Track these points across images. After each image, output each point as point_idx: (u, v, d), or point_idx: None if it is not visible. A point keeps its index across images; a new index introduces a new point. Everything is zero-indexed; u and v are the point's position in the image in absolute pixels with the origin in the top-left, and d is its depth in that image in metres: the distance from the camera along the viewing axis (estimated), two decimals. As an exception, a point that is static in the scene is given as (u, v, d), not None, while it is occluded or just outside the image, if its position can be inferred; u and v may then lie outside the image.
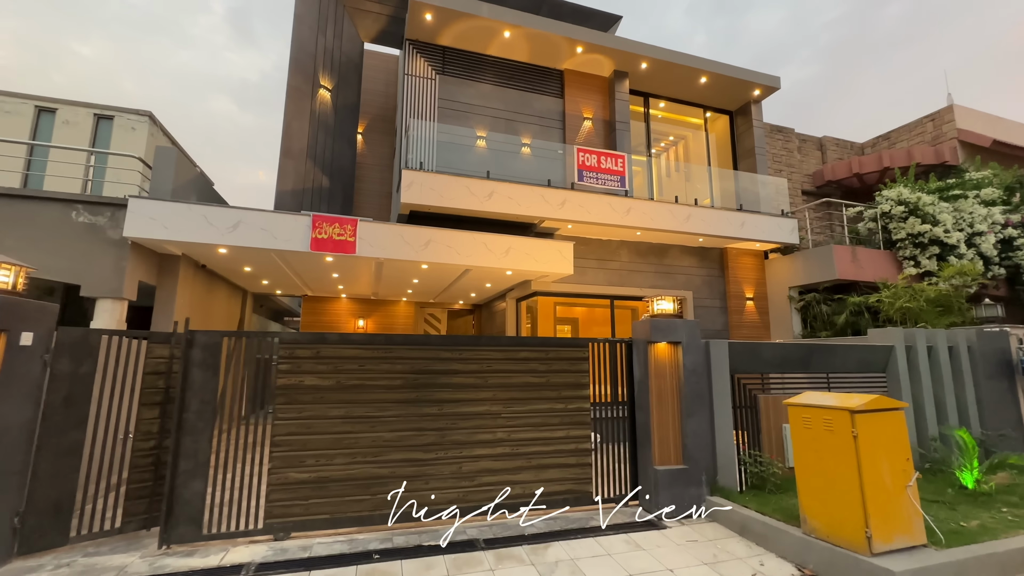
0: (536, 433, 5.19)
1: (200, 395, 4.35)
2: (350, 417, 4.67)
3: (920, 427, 6.16)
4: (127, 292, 6.56)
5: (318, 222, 7.23)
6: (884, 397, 3.78)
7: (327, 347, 4.72)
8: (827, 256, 9.77)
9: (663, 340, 5.28)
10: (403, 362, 4.90)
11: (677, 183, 12.74)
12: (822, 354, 5.94)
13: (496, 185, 8.35)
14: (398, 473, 4.72)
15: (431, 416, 4.90)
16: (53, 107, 9.80)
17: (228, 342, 4.50)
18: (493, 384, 5.14)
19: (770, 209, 10.73)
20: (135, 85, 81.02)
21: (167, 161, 7.14)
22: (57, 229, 6.35)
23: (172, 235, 6.55)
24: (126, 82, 79.85)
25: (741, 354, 5.57)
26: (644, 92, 11.32)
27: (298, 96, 8.50)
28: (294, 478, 4.46)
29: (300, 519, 4.41)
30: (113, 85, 75.56)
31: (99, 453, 4.25)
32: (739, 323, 10.70)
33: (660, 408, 5.22)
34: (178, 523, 4.14)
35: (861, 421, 3.65)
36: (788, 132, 15.00)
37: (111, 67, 77.41)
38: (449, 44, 9.66)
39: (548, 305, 11.77)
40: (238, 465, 4.42)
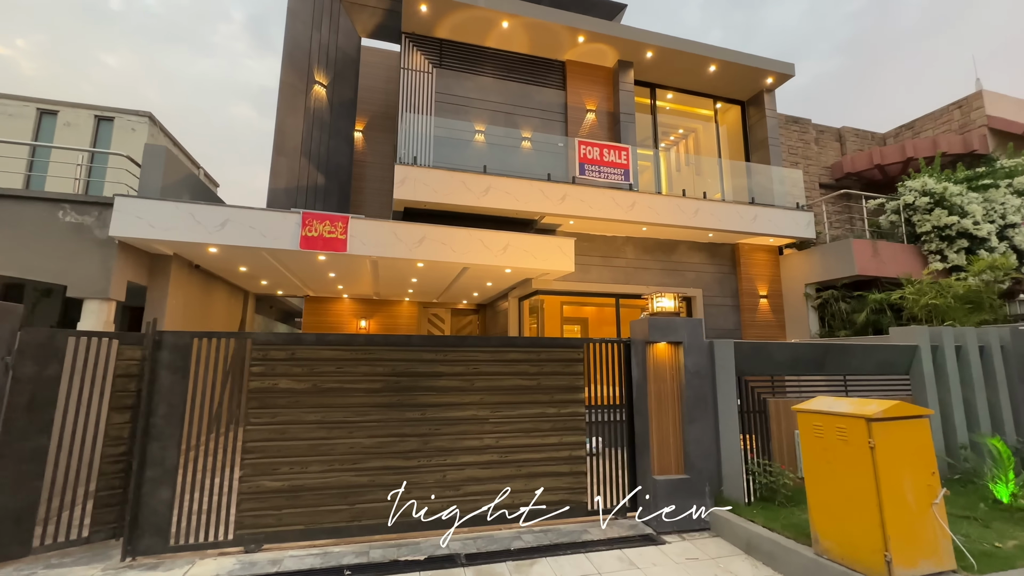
0: (526, 439, 4.88)
1: (168, 399, 4.15)
2: (327, 422, 4.43)
3: (948, 434, 5.67)
4: (114, 293, 6.44)
5: (308, 220, 7.03)
6: (905, 403, 3.37)
7: (303, 348, 4.48)
8: (846, 251, 9.24)
9: (662, 340, 4.91)
10: (383, 364, 4.64)
11: (687, 177, 12.27)
12: (838, 355, 5.50)
13: (493, 180, 8.06)
14: (377, 482, 4.46)
15: (413, 421, 4.63)
16: (54, 109, 9.83)
17: (198, 343, 4.29)
18: (480, 387, 4.84)
19: (785, 202, 10.22)
20: (158, 93, 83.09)
21: (156, 159, 7.02)
22: (44, 229, 6.26)
23: (159, 234, 6.41)
24: (149, 90, 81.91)
25: (748, 355, 5.17)
26: (651, 83, 10.92)
27: (291, 93, 8.34)
28: (267, 487, 4.22)
29: (273, 530, 4.18)
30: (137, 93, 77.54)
31: (65, 459, 4.08)
32: (752, 322, 10.22)
33: (659, 413, 4.85)
34: (143, 534, 3.94)
35: (879, 430, 3.25)
36: (804, 123, 14.42)
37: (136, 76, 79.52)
38: (447, 37, 9.40)
39: (555, 305, 11.44)
40: (208, 473, 4.20)
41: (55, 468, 4.02)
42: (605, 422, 5.18)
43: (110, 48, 77.03)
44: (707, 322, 10.00)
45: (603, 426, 5.18)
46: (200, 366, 4.29)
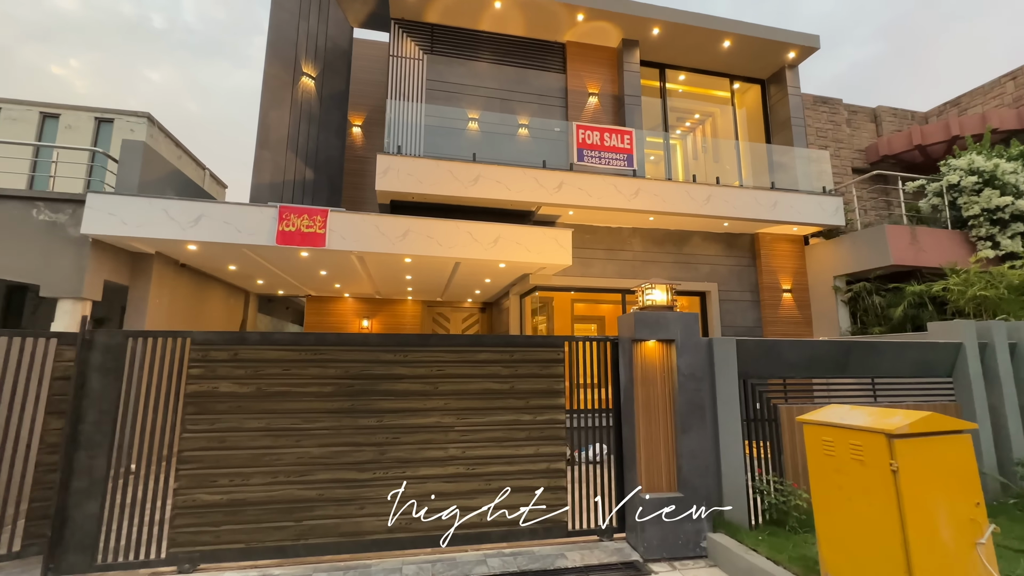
0: (497, 450, 4.36)
1: (99, 404, 3.83)
2: (272, 429, 4.02)
3: (1001, 448, 4.83)
4: (88, 292, 6.27)
5: (285, 214, 6.71)
6: (939, 415, 2.68)
7: (246, 348, 4.09)
8: (879, 238, 8.29)
9: (651, 338, 4.30)
10: (336, 365, 4.20)
11: (705, 165, 11.49)
12: (864, 354, 4.74)
13: (483, 168, 7.56)
14: (327, 496, 4.02)
15: (368, 429, 4.17)
16: (56, 112, 9.92)
17: (133, 343, 3.96)
18: (445, 391, 4.35)
19: (809, 187, 9.32)
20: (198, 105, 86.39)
21: (134, 155, 6.84)
22: (17, 228, 6.14)
23: (131, 231, 6.20)
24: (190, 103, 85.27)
25: (755, 355, 4.49)
26: (660, 63, 10.19)
27: (276, 84, 8.09)
28: (204, 500, 3.85)
29: (210, 548, 3.80)
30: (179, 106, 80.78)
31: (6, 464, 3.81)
32: (774, 318, 9.36)
33: (648, 421, 4.24)
34: (68, 550, 3.62)
35: (904, 449, 2.58)
36: (835, 103, 13.33)
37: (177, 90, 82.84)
38: (438, 21, 8.96)
39: (565, 302, 10.86)
40: (141, 484, 3.87)
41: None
42: (592, 428, 4.61)
43: (154, 64, 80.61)
44: (723, 319, 9.22)
45: (590, 433, 4.61)
46: (135, 368, 3.96)
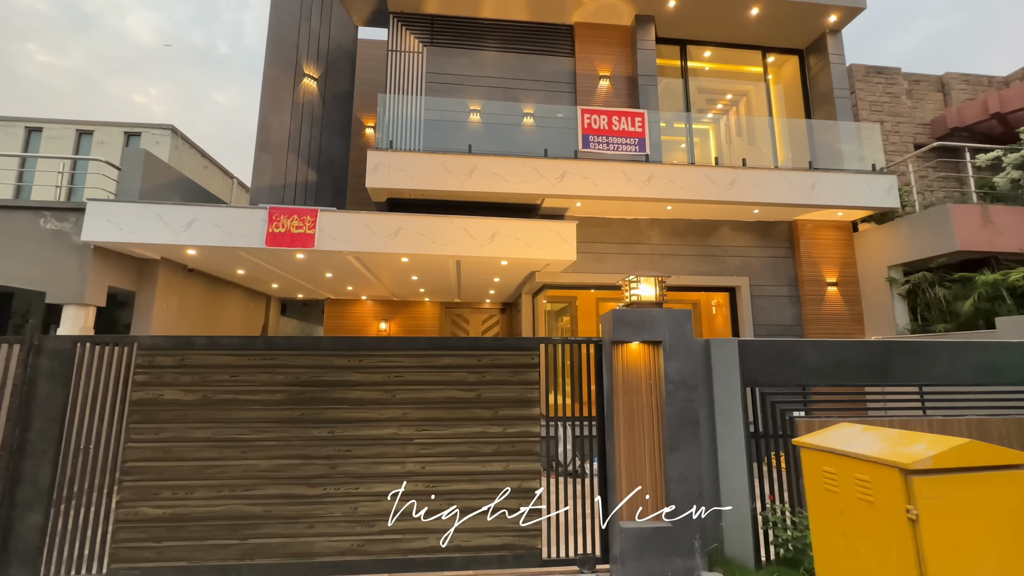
0: (461, 466, 3.90)
1: (45, 411, 3.73)
2: (217, 440, 3.78)
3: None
4: (90, 298, 6.41)
5: (275, 215, 6.58)
6: (982, 444, 1.96)
7: (193, 354, 3.87)
8: (942, 220, 7.11)
9: (633, 339, 3.70)
10: (285, 371, 3.90)
11: (740, 149, 10.49)
12: (908, 357, 3.89)
13: (478, 160, 7.13)
14: (274, 513, 3.72)
15: (319, 441, 3.84)
16: (90, 129, 10.48)
17: (81, 348, 3.84)
18: (403, 400, 3.94)
19: (857, 165, 8.20)
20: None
21: (135, 163, 6.97)
22: (27, 237, 6.37)
23: (127, 236, 6.28)
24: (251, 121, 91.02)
25: (765, 358, 3.77)
26: (680, 39, 9.36)
27: (276, 86, 8.07)
28: (146, 514, 3.65)
29: (152, 565, 3.59)
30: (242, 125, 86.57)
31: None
32: (816, 315, 8.30)
33: (630, 436, 3.64)
34: (10, 563, 3.52)
35: (928, 491, 1.88)
36: (892, 73, 11.88)
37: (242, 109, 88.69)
38: (437, 12, 8.64)
39: (589, 301, 10.28)
40: (84, 496, 3.73)
41: (-57, 484, 3.74)
42: (577, 437, 4.06)
43: (220, 88, 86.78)
44: (755, 317, 8.28)
45: (574, 444, 4.06)
46: (84, 374, 3.83)
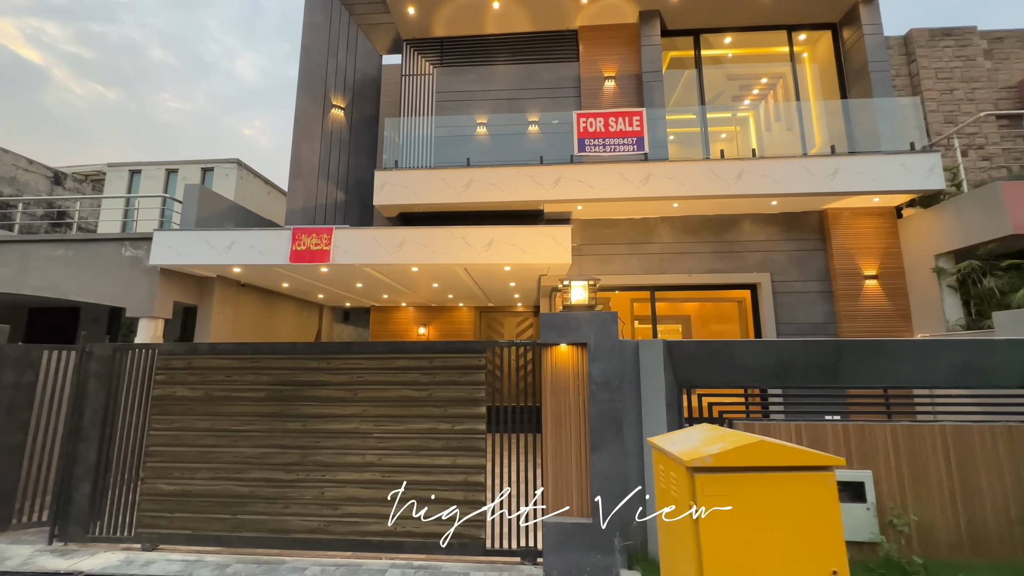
0: (414, 459, 4.28)
1: (93, 404, 4.68)
2: (215, 430, 4.50)
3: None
4: (159, 311, 7.69)
5: (297, 235, 7.44)
6: (771, 444, 1.95)
7: (198, 357, 4.65)
8: (991, 200, 6.24)
9: (560, 341, 3.84)
10: (268, 372, 4.55)
11: (780, 134, 9.87)
12: (865, 357, 3.63)
13: (475, 172, 7.50)
14: (258, 493, 4.36)
15: (294, 433, 4.43)
16: (176, 168, 12.37)
17: (119, 354, 4.77)
18: (364, 398, 4.41)
19: (896, 144, 7.42)
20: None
21: (191, 197, 8.23)
22: (112, 263, 7.80)
23: (182, 259, 7.46)
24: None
25: (697, 359, 3.73)
26: (693, 29, 9.04)
27: (307, 119, 9.05)
28: (162, 490, 4.46)
29: (165, 532, 4.38)
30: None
31: (40, 453, 4.89)
32: (852, 312, 7.59)
33: (557, 435, 3.79)
34: (68, 523, 4.48)
35: (709, 488, 1.93)
36: (964, 34, 10.54)
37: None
38: (446, 34, 9.16)
39: (624, 302, 10.28)
40: (121, 472, 4.61)
41: (30, 461, 4.85)
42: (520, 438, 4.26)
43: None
44: (779, 315, 7.77)
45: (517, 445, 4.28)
46: (120, 375, 4.75)
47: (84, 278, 7.73)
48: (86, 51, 70.09)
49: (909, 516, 3.39)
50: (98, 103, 73.17)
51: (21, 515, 4.78)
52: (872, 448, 3.60)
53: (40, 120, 67.46)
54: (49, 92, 67.79)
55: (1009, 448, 3.51)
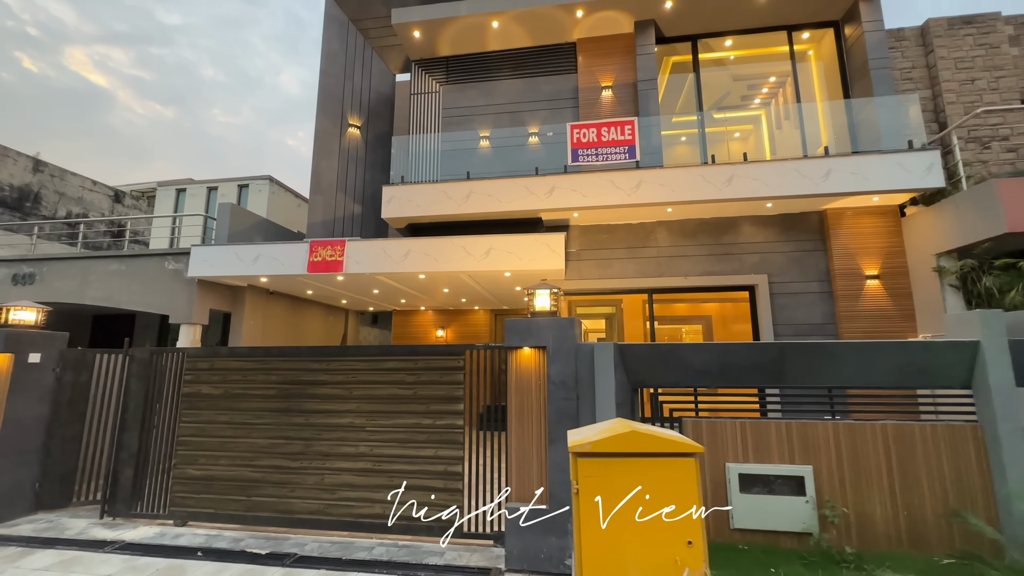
0: (401, 450, 4.78)
1: (135, 399, 5.46)
2: (233, 423, 5.16)
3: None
4: (197, 318, 8.59)
5: (314, 247, 8.15)
6: (643, 433, 2.30)
7: (219, 360, 5.33)
8: (987, 198, 6.13)
9: (522, 345, 4.24)
10: (277, 372, 5.17)
11: (791, 133, 9.85)
12: (808, 359, 3.84)
13: (474, 184, 7.97)
14: (268, 478, 4.98)
15: (298, 426, 5.02)
16: (215, 186, 13.51)
17: (155, 357, 5.52)
18: (358, 396, 4.96)
19: (893, 143, 7.35)
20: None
21: (223, 214, 9.12)
22: (157, 275, 8.77)
23: (215, 271, 8.32)
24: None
25: (648, 360, 4.04)
26: (691, 35, 9.17)
27: (325, 139, 9.79)
28: (190, 474, 5.16)
29: (192, 510, 5.07)
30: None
31: (94, 441, 5.73)
32: (853, 312, 7.55)
33: (521, 430, 4.19)
34: (116, 500, 5.26)
35: (587, 470, 2.30)
36: (986, 20, 10.15)
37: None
38: (451, 53, 9.69)
39: (635, 304, 10.55)
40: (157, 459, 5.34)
41: (87, 446, 5.68)
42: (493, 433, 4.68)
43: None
44: (778, 315, 7.82)
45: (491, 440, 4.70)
46: (155, 374, 5.50)
47: (134, 289, 8.73)
48: (146, 73, 75.87)
49: (841, 509, 3.58)
50: (157, 121, 79.01)
51: (79, 494, 5.62)
52: (815, 445, 3.80)
53: (108, 139, 73.60)
54: (114, 113, 73.84)
55: (950, 447, 3.63)
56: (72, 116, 69.49)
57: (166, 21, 78.57)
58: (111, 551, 4.41)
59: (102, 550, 4.43)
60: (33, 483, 5.42)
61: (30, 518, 5.27)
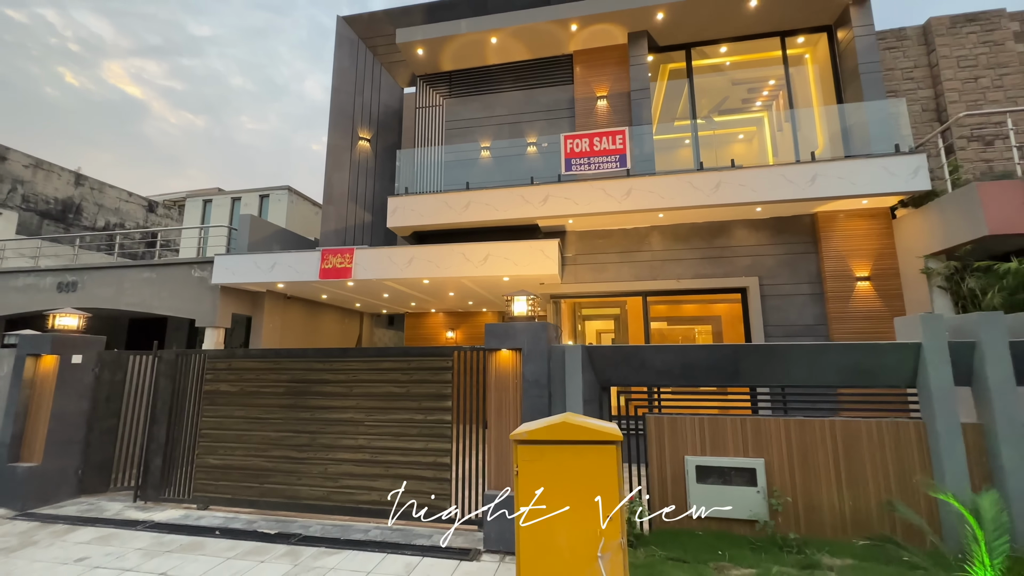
0: (395, 443, 5.24)
1: (163, 396, 6.08)
2: (248, 417, 5.72)
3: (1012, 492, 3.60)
4: (220, 322, 9.28)
5: (325, 255, 8.73)
6: (575, 425, 2.67)
7: (236, 360, 5.90)
8: (968, 201, 6.24)
9: (501, 347, 4.65)
10: (286, 372, 5.70)
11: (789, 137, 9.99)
12: (760, 360, 4.13)
13: (472, 194, 8.41)
14: (278, 468, 5.52)
15: (304, 420, 5.54)
16: (238, 196, 14.33)
17: (179, 358, 6.14)
18: (357, 393, 5.45)
19: (881, 147, 7.47)
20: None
21: (244, 225, 9.80)
22: (184, 282, 9.51)
23: (237, 278, 8.98)
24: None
25: (613, 361, 4.40)
26: (684, 44, 9.41)
27: (337, 152, 10.38)
28: (211, 463, 5.74)
29: (213, 496, 5.65)
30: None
31: (128, 433, 6.39)
32: (844, 313, 7.69)
33: (499, 425, 4.59)
34: (147, 487, 5.88)
35: (524, 455, 2.70)
36: (990, 18, 10.10)
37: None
38: (453, 67, 10.16)
39: (637, 306, 10.85)
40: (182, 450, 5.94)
41: (122, 438, 6.35)
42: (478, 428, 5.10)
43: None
44: (769, 317, 8.01)
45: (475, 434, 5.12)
46: (179, 374, 6.12)
47: (165, 295, 9.48)
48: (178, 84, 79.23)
49: (785, 498, 3.86)
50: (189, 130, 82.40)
51: (115, 481, 6.28)
52: (767, 439, 4.09)
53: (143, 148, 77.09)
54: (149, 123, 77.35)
55: (895, 442, 3.87)
56: (110, 127, 73.24)
57: (197, 33, 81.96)
58: (142, 529, 5.00)
59: (134, 528, 5.03)
60: (76, 470, 6.10)
61: (74, 501, 5.95)
